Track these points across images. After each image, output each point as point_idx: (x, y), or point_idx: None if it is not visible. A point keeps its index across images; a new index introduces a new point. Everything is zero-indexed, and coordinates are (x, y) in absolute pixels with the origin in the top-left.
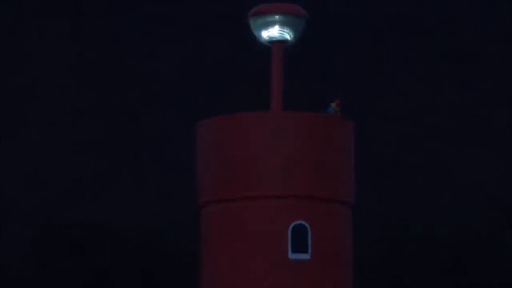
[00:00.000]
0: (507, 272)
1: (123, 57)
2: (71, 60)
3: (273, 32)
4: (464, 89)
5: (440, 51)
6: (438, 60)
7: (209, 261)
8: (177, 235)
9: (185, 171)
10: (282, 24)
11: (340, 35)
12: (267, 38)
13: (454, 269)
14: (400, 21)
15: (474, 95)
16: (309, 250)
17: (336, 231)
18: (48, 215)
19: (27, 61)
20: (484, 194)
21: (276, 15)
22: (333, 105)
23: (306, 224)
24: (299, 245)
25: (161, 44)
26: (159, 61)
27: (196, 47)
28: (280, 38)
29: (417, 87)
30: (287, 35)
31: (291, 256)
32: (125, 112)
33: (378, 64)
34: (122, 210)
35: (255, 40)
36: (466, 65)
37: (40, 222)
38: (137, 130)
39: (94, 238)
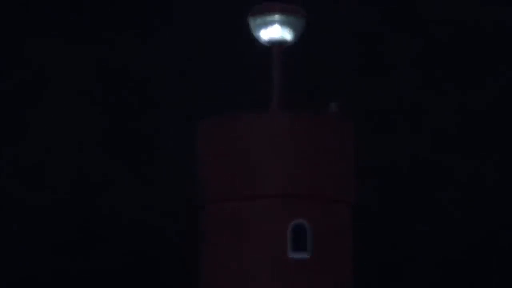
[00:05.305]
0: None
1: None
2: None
3: (273, 32)
4: (463, 88)
5: (439, 50)
6: (437, 60)
7: (209, 260)
8: (177, 234)
9: (185, 171)
10: (282, 24)
11: (340, 35)
12: (267, 38)
13: (454, 269)
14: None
15: (473, 94)
16: (309, 249)
17: (336, 230)
18: (48, 215)
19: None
20: (483, 194)
21: (276, 14)
22: (333, 105)
23: (306, 223)
24: (299, 244)
25: (161, 43)
26: (159, 61)
27: (196, 46)
28: (280, 38)
29: (416, 87)
30: (287, 35)
31: (291, 254)
32: (125, 112)
33: (377, 64)
34: (121, 210)
35: (255, 40)
36: (465, 64)
37: (39, 222)
38: (137, 130)
39: (94, 237)
